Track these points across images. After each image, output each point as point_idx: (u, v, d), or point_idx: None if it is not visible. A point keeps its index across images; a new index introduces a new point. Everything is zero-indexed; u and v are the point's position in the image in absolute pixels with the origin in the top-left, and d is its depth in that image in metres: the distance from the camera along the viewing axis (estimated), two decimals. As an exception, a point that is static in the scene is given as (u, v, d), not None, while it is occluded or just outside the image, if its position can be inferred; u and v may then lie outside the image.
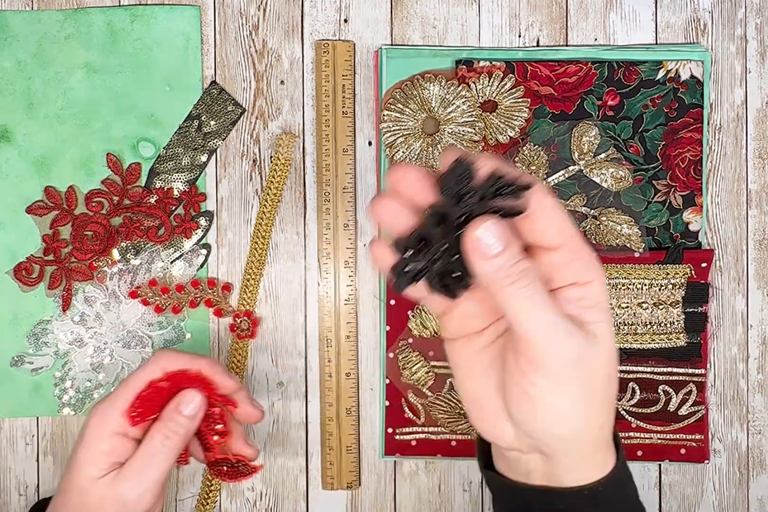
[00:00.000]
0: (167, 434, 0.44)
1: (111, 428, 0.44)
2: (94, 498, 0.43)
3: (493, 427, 0.36)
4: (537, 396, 0.32)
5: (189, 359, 0.46)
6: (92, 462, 0.43)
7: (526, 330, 0.31)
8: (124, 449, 0.44)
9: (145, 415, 0.45)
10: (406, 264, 0.32)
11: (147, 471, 0.43)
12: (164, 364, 0.45)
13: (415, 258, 0.32)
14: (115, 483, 0.43)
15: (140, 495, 0.43)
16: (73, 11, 0.58)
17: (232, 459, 0.48)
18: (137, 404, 0.44)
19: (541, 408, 0.33)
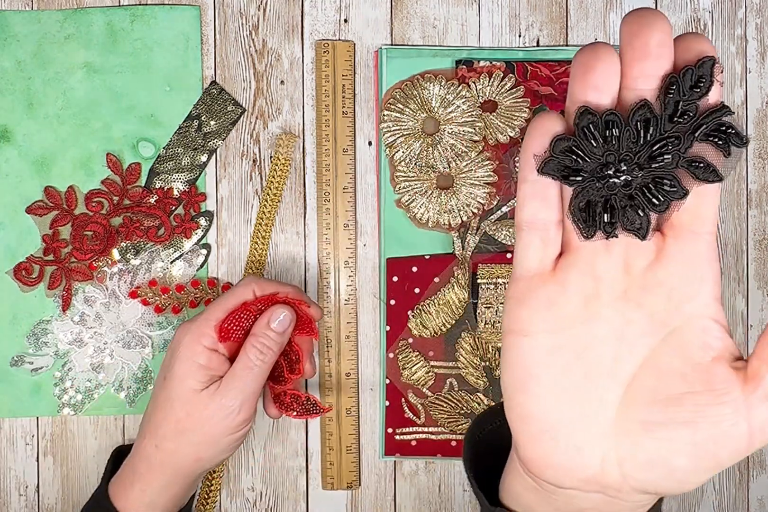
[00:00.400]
0: (261, 348, 0.48)
1: (205, 344, 0.47)
2: (199, 408, 0.47)
3: (566, 465, 0.28)
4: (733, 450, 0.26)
5: (278, 285, 0.50)
6: (191, 375, 0.47)
7: None
8: (219, 362, 0.48)
9: (233, 332, 0.48)
10: (573, 146, 0.25)
11: (246, 382, 0.47)
12: (255, 287, 0.49)
13: (588, 146, 0.25)
14: (218, 394, 0.47)
15: (242, 404, 0.47)
16: (73, 11, 0.58)
17: (303, 397, 0.50)
18: (227, 321, 0.48)
19: (723, 455, 0.26)
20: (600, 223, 0.26)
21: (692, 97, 0.25)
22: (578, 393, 0.27)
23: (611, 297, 0.27)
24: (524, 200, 0.26)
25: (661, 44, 0.24)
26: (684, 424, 0.26)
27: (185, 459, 0.48)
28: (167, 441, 0.48)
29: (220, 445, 0.48)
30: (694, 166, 0.25)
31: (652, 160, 0.25)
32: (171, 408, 0.47)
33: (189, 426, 0.47)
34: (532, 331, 0.27)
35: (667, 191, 0.25)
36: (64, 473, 0.59)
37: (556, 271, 0.27)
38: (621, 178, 0.25)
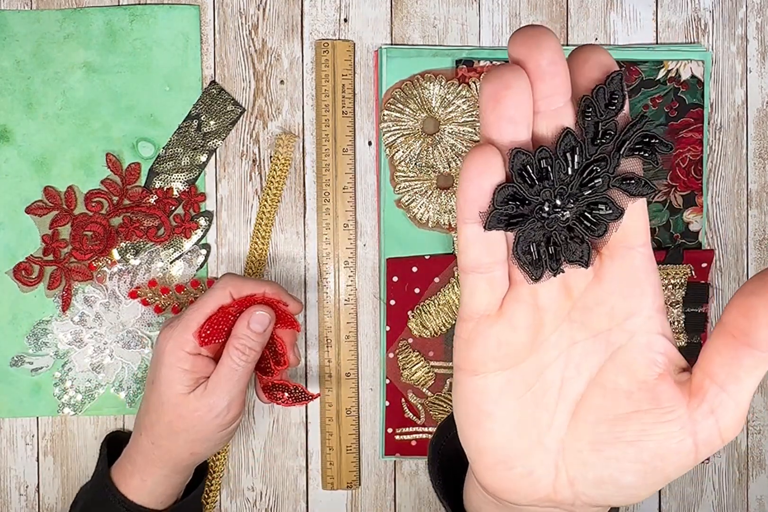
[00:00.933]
0: (242, 349, 0.49)
1: (187, 350, 0.48)
2: (188, 410, 0.48)
3: (520, 487, 0.28)
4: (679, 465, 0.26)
5: (255, 284, 0.50)
6: (177, 381, 0.48)
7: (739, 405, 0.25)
8: (203, 365, 0.49)
9: (213, 336, 0.49)
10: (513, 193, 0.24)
11: (231, 383, 0.48)
12: (232, 290, 0.50)
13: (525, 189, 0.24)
14: (205, 396, 0.48)
15: (229, 404, 0.49)
16: (72, 11, 0.57)
17: (291, 386, 0.51)
18: (206, 327, 0.49)
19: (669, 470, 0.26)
20: (545, 263, 0.25)
21: (609, 115, 0.24)
22: (530, 422, 0.28)
23: (556, 323, 0.27)
24: (466, 246, 0.26)
25: (552, 62, 0.23)
26: (630, 443, 0.26)
27: (181, 454, 0.50)
28: (162, 440, 0.49)
29: (213, 441, 0.50)
30: (626, 183, 0.24)
31: (583, 187, 0.24)
32: (162, 412, 0.49)
33: (182, 427, 0.49)
34: (483, 371, 0.27)
35: (602, 215, 0.25)
36: (64, 473, 0.59)
37: (502, 309, 0.27)
38: (559, 213, 0.25)
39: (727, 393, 0.25)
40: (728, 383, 0.25)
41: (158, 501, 0.51)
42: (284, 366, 0.51)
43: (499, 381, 0.27)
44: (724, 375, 0.25)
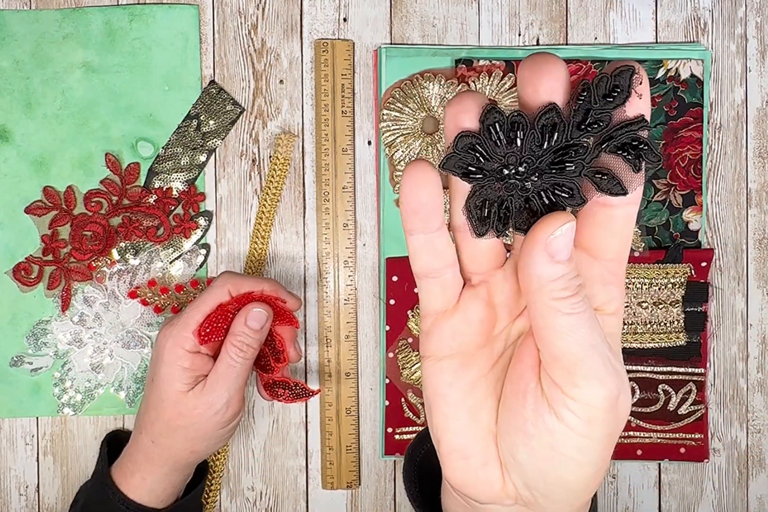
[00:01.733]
0: (240, 346, 0.49)
1: (186, 348, 0.49)
2: (188, 408, 0.48)
3: (476, 479, 0.29)
4: (561, 437, 0.26)
5: (253, 281, 0.51)
6: (177, 378, 0.49)
7: (568, 354, 0.25)
8: (202, 363, 0.49)
9: (213, 334, 0.49)
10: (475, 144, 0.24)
11: (230, 380, 0.49)
12: (230, 287, 0.50)
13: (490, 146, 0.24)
14: (204, 394, 0.49)
15: (228, 401, 0.49)
16: (71, 10, 0.57)
17: (291, 383, 0.51)
18: (206, 325, 0.49)
19: (563, 452, 0.26)
20: (493, 223, 0.25)
21: (605, 106, 0.23)
22: (482, 410, 0.28)
23: (510, 318, 0.28)
24: (414, 254, 0.27)
25: (549, 92, 0.24)
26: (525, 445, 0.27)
27: (181, 452, 0.50)
28: (162, 438, 0.50)
29: (213, 438, 0.50)
30: (599, 177, 0.24)
31: (554, 165, 0.24)
32: (162, 409, 0.49)
33: (181, 425, 0.49)
34: (439, 356, 0.29)
35: (563, 198, 0.24)
36: (64, 473, 0.59)
37: (458, 304, 0.28)
38: (520, 180, 0.24)
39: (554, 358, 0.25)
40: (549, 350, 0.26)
41: (159, 500, 0.51)
42: (284, 363, 0.51)
43: (454, 364, 0.28)
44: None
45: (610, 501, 0.60)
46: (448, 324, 0.28)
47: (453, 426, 0.29)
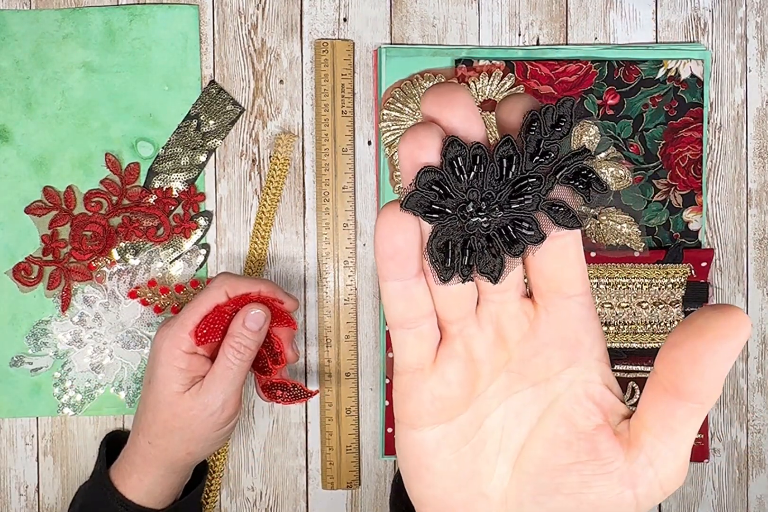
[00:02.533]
0: (238, 348, 0.49)
1: (183, 349, 0.49)
2: (184, 409, 0.48)
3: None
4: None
5: (250, 283, 0.50)
6: (173, 379, 0.48)
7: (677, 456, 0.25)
8: (199, 364, 0.49)
9: (209, 336, 0.49)
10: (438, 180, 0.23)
11: (226, 382, 0.49)
12: (227, 288, 0.50)
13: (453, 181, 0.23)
14: (200, 395, 0.48)
15: (223, 403, 0.49)
16: (71, 10, 0.57)
17: (289, 384, 0.52)
18: (203, 326, 0.49)
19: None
20: (458, 266, 0.24)
21: (554, 136, 0.23)
22: (470, 474, 0.27)
23: (493, 374, 0.27)
24: (389, 302, 0.25)
25: (465, 119, 0.23)
26: (570, 496, 0.26)
27: (177, 454, 0.50)
28: (159, 439, 0.50)
29: (209, 440, 0.50)
30: (554, 210, 0.24)
31: (512, 199, 0.24)
32: (158, 410, 0.49)
33: (177, 426, 0.49)
34: (419, 425, 0.27)
35: (524, 234, 0.24)
36: (64, 473, 0.59)
37: (436, 362, 0.26)
38: (483, 217, 0.24)
39: (664, 444, 0.24)
40: (664, 434, 0.24)
41: (157, 501, 0.51)
42: (282, 365, 0.51)
43: (436, 435, 0.27)
44: (659, 427, 0.24)
45: (610, 501, 0.60)
46: (426, 385, 0.26)
47: (438, 493, 0.27)
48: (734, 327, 0.22)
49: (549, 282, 0.25)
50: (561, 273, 0.25)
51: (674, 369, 0.23)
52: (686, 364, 0.23)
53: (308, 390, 0.52)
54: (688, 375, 0.23)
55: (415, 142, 0.23)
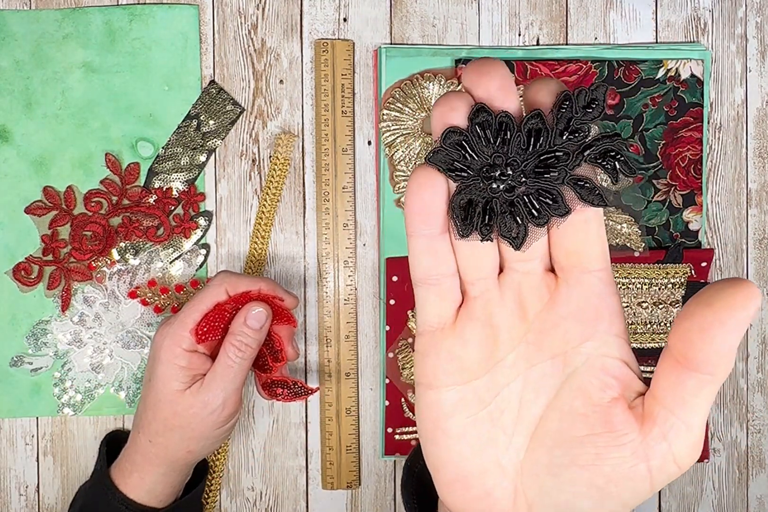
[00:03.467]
0: (239, 346, 0.49)
1: (183, 347, 0.49)
2: (184, 407, 0.48)
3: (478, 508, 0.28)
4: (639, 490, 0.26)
5: (250, 280, 0.50)
6: (174, 377, 0.49)
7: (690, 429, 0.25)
8: (200, 362, 0.49)
9: (210, 334, 0.49)
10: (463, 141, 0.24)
11: (227, 380, 0.49)
12: (227, 287, 0.50)
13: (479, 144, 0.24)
14: (201, 393, 0.48)
15: (224, 401, 0.49)
16: (71, 10, 0.57)
17: (290, 382, 0.51)
18: (203, 324, 0.49)
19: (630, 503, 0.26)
20: (477, 224, 0.25)
21: (585, 117, 0.24)
22: (486, 441, 0.28)
23: (512, 343, 0.27)
24: (415, 257, 0.27)
25: (501, 87, 0.24)
26: (585, 467, 0.26)
27: (177, 452, 0.50)
28: (159, 437, 0.50)
29: (210, 438, 0.50)
30: (580, 185, 0.24)
31: (538, 171, 0.24)
32: (159, 409, 0.49)
33: (177, 424, 0.49)
34: (437, 385, 0.27)
35: (548, 205, 0.25)
36: (64, 473, 0.59)
37: (456, 324, 0.27)
38: (505, 181, 0.25)
39: (677, 417, 0.25)
40: (676, 406, 0.25)
41: (158, 500, 0.51)
42: (282, 362, 0.51)
43: (453, 397, 0.27)
44: (671, 399, 0.25)
45: (610, 501, 0.60)
46: (444, 345, 0.27)
47: (455, 458, 0.28)
48: (744, 297, 0.23)
49: (570, 256, 0.26)
50: (582, 247, 0.25)
51: (684, 340, 0.24)
52: (696, 334, 0.23)
53: (308, 388, 0.52)
54: (697, 345, 0.23)
55: (449, 104, 0.24)
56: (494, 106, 0.24)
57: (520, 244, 0.25)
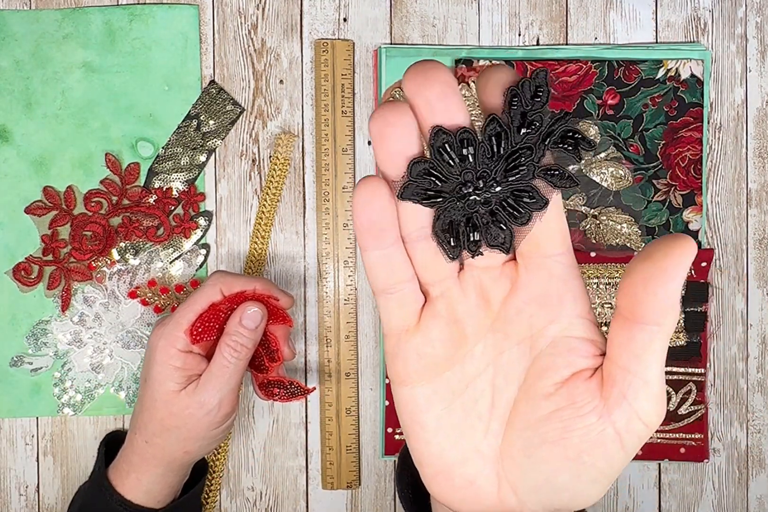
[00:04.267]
0: (234, 346, 0.49)
1: (178, 347, 0.48)
2: (180, 408, 0.48)
3: (463, 497, 0.29)
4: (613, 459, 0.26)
5: (245, 280, 0.50)
6: (169, 378, 0.48)
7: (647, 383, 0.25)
8: (195, 362, 0.49)
9: (205, 334, 0.49)
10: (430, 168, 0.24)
11: (222, 381, 0.48)
12: (222, 287, 0.50)
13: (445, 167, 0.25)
14: (196, 393, 0.48)
15: (220, 401, 0.48)
16: (71, 10, 0.57)
17: (286, 382, 0.51)
18: (198, 324, 0.49)
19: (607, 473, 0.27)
20: (464, 242, 0.25)
21: (536, 106, 0.24)
22: (463, 430, 0.28)
23: (478, 334, 0.28)
24: (370, 270, 0.27)
25: (441, 96, 0.24)
26: (555, 442, 0.26)
27: (174, 452, 0.50)
28: (156, 438, 0.50)
29: (206, 439, 0.50)
30: (550, 174, 0.25)
31: (508, 173, 0.25)
32: (155, 409, 0.49)
33: (173, 424, 0.49)
34: (409, 383, 0.28)
35: (527, 203, 0.25)
36: (64, 473, 0.59)
37: (420, 323, 0.28)
38: (481, 195, 0.25)
39: (633, 374, 0.25)
40: (630, 363, 0.25)
41: (155, 501, 0.51)
42: (278, 362, 0.51)
43: (426, 391, 0.28)
44: (626, 357, 0.25)
45: (610, 501, 0.60)
46: (410, 345, 0.28)
47: (435, 450, 0.28)
48: (679, 246, 0.24)
49: (529, 241, 0.26)
50: (541, 231, 0.26)
51: (630, 295, 0.25)
52: (639, 287, 0.24)
53: (305, 388, 0.52)
54: (641, 296, 0.24)
55: (384, 120, 0.24)
56: (436, 115, 0.24)
57: (509, 248, 0.26)
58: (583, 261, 0.57)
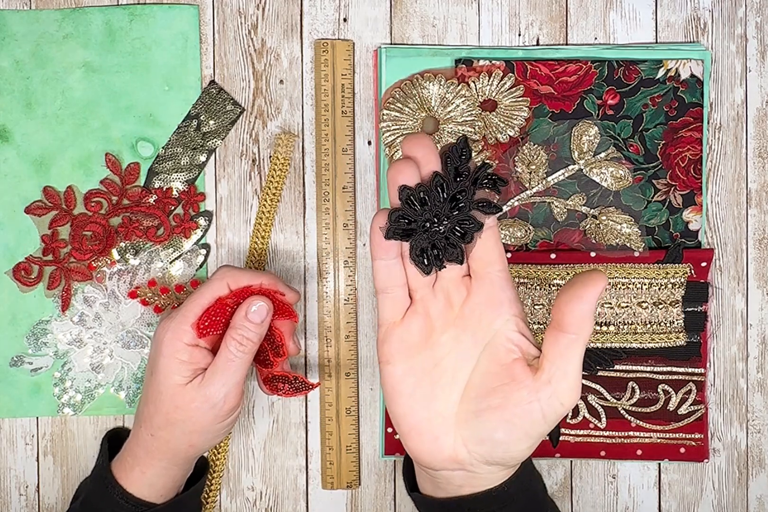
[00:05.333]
0: (240, 340, 0.49)
1: (185, 341, 0.49)
2: (186, 401, 0.49)
3: (429, 450, 0.41)
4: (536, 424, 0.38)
5: (251, 275, 0.51)
6: (175, 371, 0.49)
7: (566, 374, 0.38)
8: (201, 356, 0.49)
9: (211, 328, 0.49)
10: (402, 215, 0.38)
11: (228, 374, 0.49)
12: (229, 281, 0.50)
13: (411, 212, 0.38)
14: (202, 387, 0.49)
15: (225, 395, 0.49)
16: (71, 10, 0.57)
17: (290, 377, 0.52)
18: (204, 318, 0.49)
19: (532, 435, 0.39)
20: (432, 261, 0.38)
21: (463, 162, 0.38)
22: (430, 398, 0.41)
23: (444, 327, 0.41)
24: (376, 273, 0.40)
25: (425, 155, 0.38)
26: (497, 408, 0.39)
27: (179, 446, 0.50)
28: (161, 431, 0.50)
29: (211, 432, 0.50)
30: (482, 205, 0.38)
31: (453, 209, 0.38)
32: (160, 402, 0.49)
33: (179, 418, 0.49)
34: (392, 361, 0.41)
35: (468, 227, 0.38)
36: (64, 473, 0.59)
37: (404, 318, 0.41)
38: (438, 227, 0.38)
39: (556, 367, 0.38)
40: (555, 358, 0.38)
41: (158, 495, 0.51)
42: (283, 357, 0.51)
43: (403, 367, 0.41)
44: (552, 354, 0.38)
45: (610, 501, 0.60)
46: (396, 333, 0.41)
47: (409, 411, 0.41)
48: (592, 280, 0.36)
49: (477, 262, 0.40)
50: (485, 255, 0.39)
51: (557, 310, 0.37)
52: (563, 305, 0.37)
53: (309, 383, 0.52)
54: (564, 312, 0.37)
55: (396, 168, 0.38)
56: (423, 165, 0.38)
57: (462, 260, 0.39)
58: (583, 261, 0.57)
